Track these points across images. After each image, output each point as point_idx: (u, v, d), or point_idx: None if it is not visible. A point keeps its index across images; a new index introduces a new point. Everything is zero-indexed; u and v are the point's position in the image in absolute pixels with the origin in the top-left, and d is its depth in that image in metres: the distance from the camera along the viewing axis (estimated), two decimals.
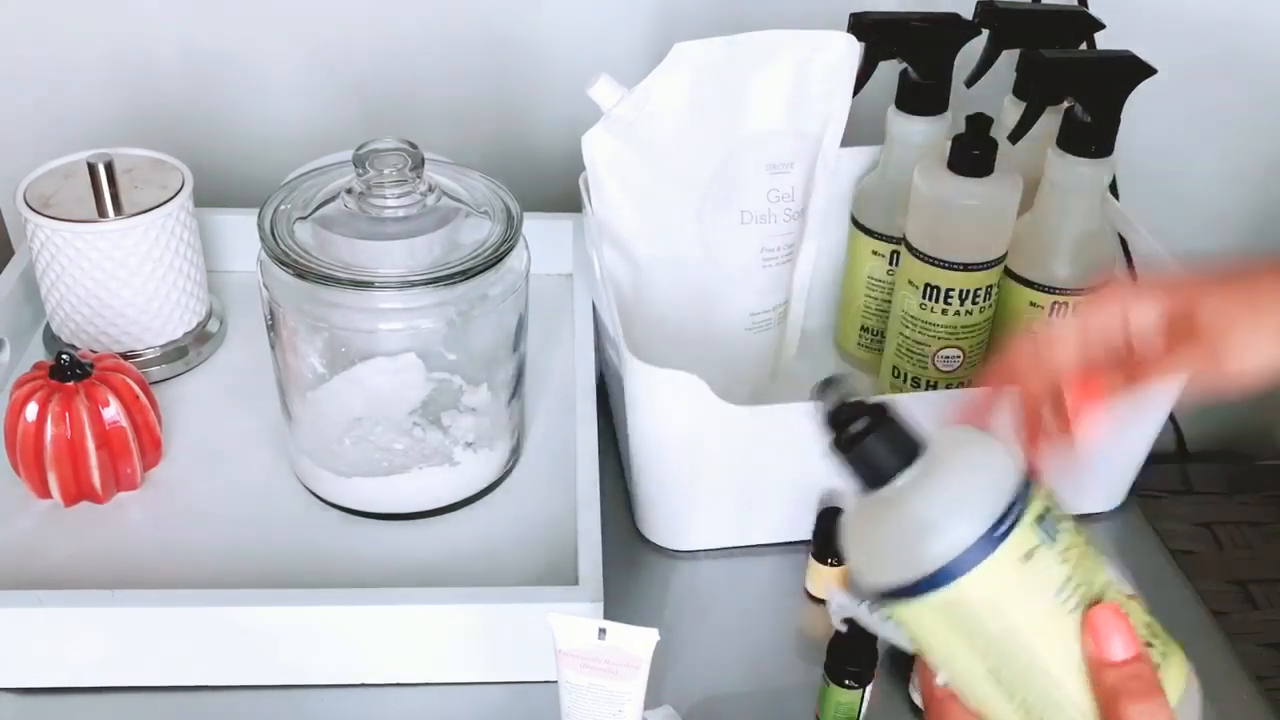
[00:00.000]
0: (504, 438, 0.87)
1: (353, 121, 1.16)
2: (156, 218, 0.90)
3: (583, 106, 0.85)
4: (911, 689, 0.76)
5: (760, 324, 0.93)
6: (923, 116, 0.92)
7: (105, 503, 0.84)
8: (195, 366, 0.97)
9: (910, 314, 0.90)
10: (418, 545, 0.83)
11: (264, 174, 1.09)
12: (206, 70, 1.13)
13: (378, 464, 0.84)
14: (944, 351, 0.90)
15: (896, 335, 0.92)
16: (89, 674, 0.75)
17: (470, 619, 0.73)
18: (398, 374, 0.84)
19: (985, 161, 0.85)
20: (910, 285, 0.89)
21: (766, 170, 0.89)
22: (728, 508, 0.85)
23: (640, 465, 0.84)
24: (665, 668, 0.79)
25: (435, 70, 1.15)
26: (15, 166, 0.96)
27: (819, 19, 0.89)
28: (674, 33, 0.91)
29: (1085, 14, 0.94)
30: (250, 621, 0.73)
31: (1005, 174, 0.86)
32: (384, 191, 0.79)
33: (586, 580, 0.74)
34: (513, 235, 0.80)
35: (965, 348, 0.91)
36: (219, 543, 0.82)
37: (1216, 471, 1.06)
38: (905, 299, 0.90)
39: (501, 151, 1.19)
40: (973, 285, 0.88)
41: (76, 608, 0.72)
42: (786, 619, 0.83)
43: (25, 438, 0.80)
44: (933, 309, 0.89)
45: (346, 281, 0.75)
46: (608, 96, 0.84)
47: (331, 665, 0.75)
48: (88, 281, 0.90)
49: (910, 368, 0.92)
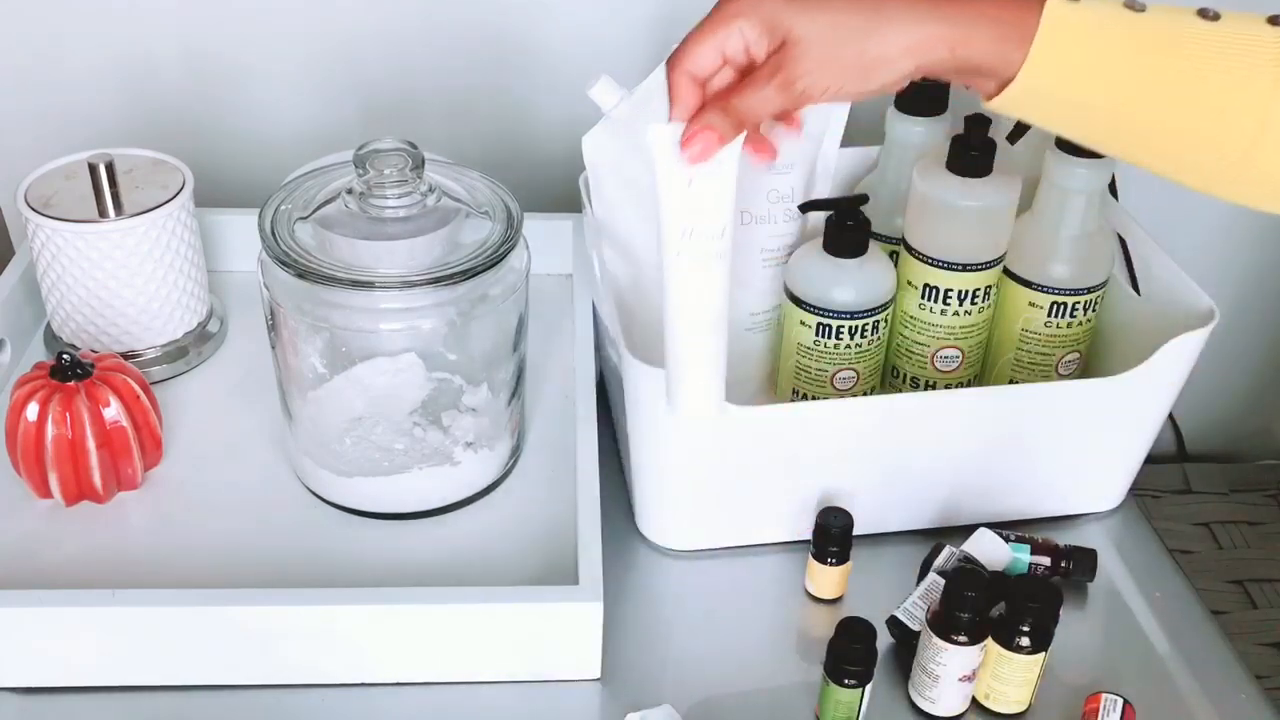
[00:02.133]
0: (504, 438, 0.87)
1: (353, 122, 1.16)
2: (157, 218, 0.90)
3: (583, 106, 0.84)
4: (911, 689, 0.77)
5: (760, 324, 0.93)
6: (922, 117, 0.92)
7: (106, 502, 0.84)
8: (196, 366, 0.97)
9: (909, 314, 0.90)
10: (418, 545, 0.83)
11: (264, 174, 1.10)
12: (207, 70, 1.13)
13: (378, 464, 0.84)
14: (943, 351, 0.91)
15: (896, 335, 0.92)
16: (89, 674, 0.75)
17: (470, 619, 0.74)
18: (398, 374, 0.84)
19: (984, 162, 0.85)
20: (909, 285, 0.89)
21: (766, 171, 0.89)
22: (728, 508, 0.85)
23: (640, 465, 0.84)
24: (665, 668, 0.79)
25: (435, 70, 1.15)
26: (16, 167, 0.96)
27: None
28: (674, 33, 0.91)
29: None
30: (250, 621, 0.73)
31: (1004, 174, 0.86)
32: (384, 192, 0.79)
33: (586, 580, 0.74)
34: (513, 235, 0.80)
35: (964, 348, 0.91)
36: (219, 543, 0.82)
37: (1216, 471, 1.06)
38: (904, 299, 0.90)
39: (501, 151, 1.19)
40: (972, 285, 0.88)
41: (76, 608, 0.72)
42: (786, 619, 0.83)
43: (26, 438, 0.80)
44: (932, 309, 0.89)
45: (347, 282, 0.76)
46: (608, 97, 0.84)
47: (332, 665, 0.75)
48: (88, 281, 0.90)
49: (910, 367, 0.92)
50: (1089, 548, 0.85)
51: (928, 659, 0.74)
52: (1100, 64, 0.59)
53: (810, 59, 0.60)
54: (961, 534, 0.83)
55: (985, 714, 0.76)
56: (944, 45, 0.60)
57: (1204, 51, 0.59)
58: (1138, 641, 0.83)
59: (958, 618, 0.72)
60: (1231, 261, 1.31)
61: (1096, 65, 0.59)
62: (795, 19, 0.60)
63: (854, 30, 0.60)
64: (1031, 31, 0.59)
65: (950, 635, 0.73)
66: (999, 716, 0.76)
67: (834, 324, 0.86)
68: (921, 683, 0.75)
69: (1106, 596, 0.86)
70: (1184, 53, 0.59)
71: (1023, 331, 0.91)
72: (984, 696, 0.76)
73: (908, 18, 0.59)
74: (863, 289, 0.85)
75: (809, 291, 0.86)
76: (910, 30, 0.60)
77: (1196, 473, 1.04)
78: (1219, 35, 0.59)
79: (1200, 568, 0.91)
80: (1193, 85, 0.59)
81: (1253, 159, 0.60)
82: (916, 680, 0.76)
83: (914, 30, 0.59)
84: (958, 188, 0.86)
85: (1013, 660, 0.73)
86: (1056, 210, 0.87)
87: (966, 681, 0.74)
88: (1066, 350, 0.91)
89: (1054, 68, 0.59)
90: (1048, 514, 0.90)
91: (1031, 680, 0.75)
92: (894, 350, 0.93)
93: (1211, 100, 0.59)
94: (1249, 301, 1.33)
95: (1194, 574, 0.90)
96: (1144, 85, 0.60)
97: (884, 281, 0.87)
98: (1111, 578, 0.87)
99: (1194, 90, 0.59)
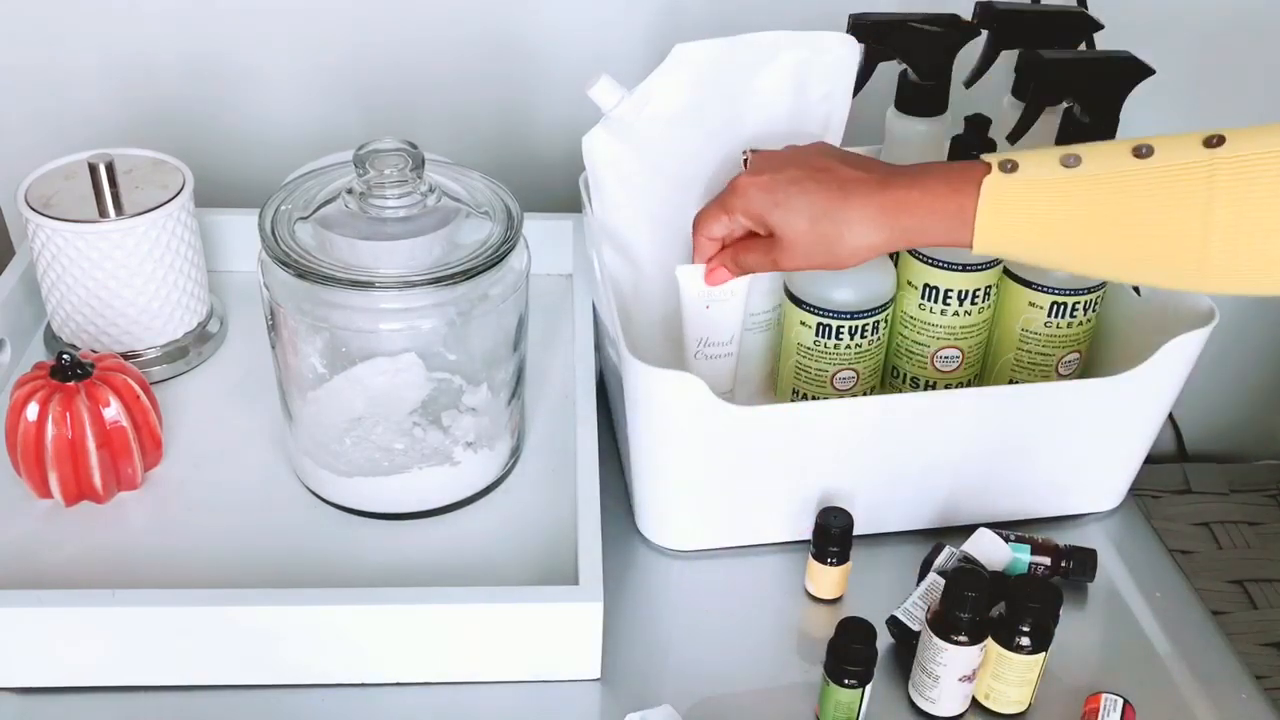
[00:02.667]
0: (504, 438, 0.87)
1: (353, 122, 1.16)
2: (157, 218, 0.90)
3: (583, 107, 0.85)
4: (911, 689, 0.77)
5: (760, 324, 0.93)
6: (922, 117, 0.92)
7: (106, 502, 0.84)
8: (196, 366, 0.97)
9: (909, 314, 0.90)
10: (418, 545, 0.83)
11: (264, 174, 1.10)
12: (207, 71, 1.13)
13: (378, 464, 0.84)
14: (943, 351, 0.91)
15: (896, 335, 0.92)
16: (89, 674, 0.75)
17: (470, 619, 0.74)
18: (398, 374, 0.84)
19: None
20: (909, 285, 0.89)
21: None
22: (728, 508, 0.85)
23: (640, 465, 0.84)
24: (665, 668, 0.79)
25: (435, 70, 1.15)
26: (16, 167, 0.96)
27: (819, 20, 0.89)
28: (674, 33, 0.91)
29: (1085, 14, 0.94)
30: (250, 621, 0.73)
31: None
32: (384, 192, 0.79)
33: (586, 580, 0.74)
34: (513, 235, 0.80)
35: (964, 348, 0.91)
36: (219, 543, 0.82)
37: (1216, 471, 1.06)
38: (904, 299, 0.90)
39: (501, 152, 1.19)
40: (972, 285, 0.88)
41: (76, 608, 0.72)
42: (786, 619, 0.83)
43: (26, 438, 0.80)
44: (932, 309, 0.89)
45: (347, 282, 0.76)
46: (608, 97, 0.84)
47: (332, 665, 0.75)
48: (88, 282, 0.90)
49: (910, 368, 0.92)
50: (1089, 548, 0.85)
51: (928, 659, 0.74)
52: (1042, 225, 0.68)
53: (792, 251, 0.74)
54: (961, 534, 0.83)
55: (985, 714, 0.76)
56: (901, 241, 0.72)
57: (1139, 188, 0.65)
58: (1138, 641, 0.83)
59: (958, 618, 0.72)
60: None
61: (1039, 227, 0.68)
62: (779, 221, 0.74)
63: (823, 236, 0.72)
64: (971, 216, 0.68)
65: (950, 635, 0.73)
66: (999, 716, 0.76)
67: (834, 324, 0.86)
68: (921, 683, 0.75)
69: (1106, 596, 0.86)
70: (1120, 197, 0.66)
71: (1023, 331, 0.91)
72: (984, 697, 0.76)
73: (866, 225, 0.71)
74: (863, 289, 0.85)
75: (809, 291, 0.86)
76: (869, 235, 0.71)
77: (1196, 473, 1.04)
78: (1151, 172, 0.65)
79: (1200, 568, 0.91)
80: (1134, 221, 0.66)
81: (1206, 266, 0.65)
82: (916, 680, 0.76)
83: (872, 235, 0.71)
84: None
85: (1013, 660, 0.73)
86: None
87: (966, 682, 0.74)
88: (1066, 350, 0.91)
89: (1000, 237, 0.69)
90: (1048, 514, 0.90)
91: (1031, 680, 0.75)
92: (894, 350, 0.93)
93: (1154, 230, 0.65)
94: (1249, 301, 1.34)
95: (1194, 574, 0.90)
96: (1089, 232, 0.67)
97: (884, 282, 0.87)
98: (1111, 578, 0.87)
99: (1136, 225, 0.66)
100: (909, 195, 0.71)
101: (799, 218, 0.73)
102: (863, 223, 0.71)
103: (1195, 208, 0.64)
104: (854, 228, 0.71)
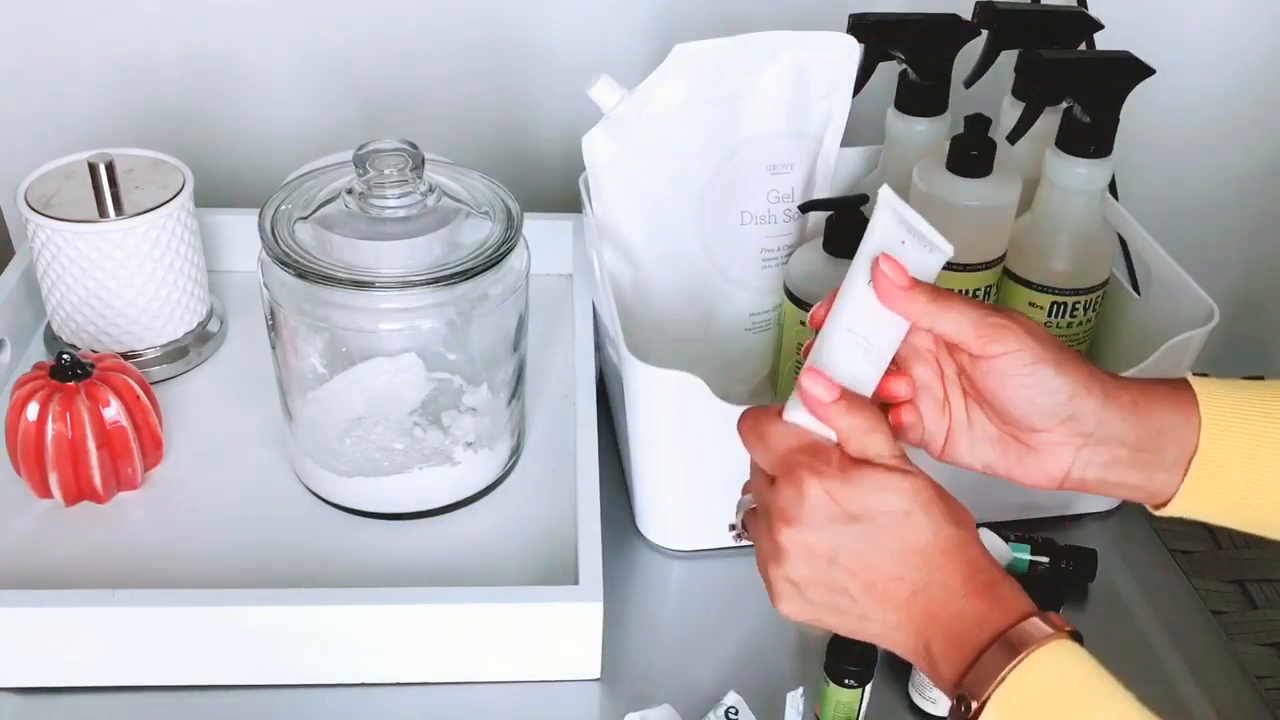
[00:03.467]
0: (504, 438, 0.87)
1: (353, 122, 1.16)
2: (157, 218, 0.90)
3: (583, 107, 0.85)
4: (911, 689, 0.77)
5: (760, 324, 0.93)
6: (922, 117, 0.92)
7: (106, 502, 0.84)
8: (195, 366, 0.97)
9: None
10: (418, 545, 0.83)
11: (264, 174, 1.10)
12: (207, 70, 1.13)
13: (378, 464, 0.84)
14: None
15: None
16: (89, 674, 0.75)
17: (470, 619, 0.74)
18: (398, 374, 0.84)
19: (984, 162, 0.85)
20: None
21: (767, 171, 0.89)
22: (728, 508, 0.85)
23: (640, 465, 0.84)
24: (665, 668, 0.79)
25: (435, 70, 1.15)
26: (16, 167, 0.96)
27: (819, 20, 0.89)
28: (674, 33, 0.91)
29: (1084, 14, 0.94)
30: (250, 621, 0.73)
31: (1004, 174, 0.86)
32: (384, 192, 0.79)
33: (586, 580, 0.74)
34: (513, 235, 0.80)
35: None
36: (219, 543, 0.82)
37: None
38: None
39: (501, 152, 1.19)
40: (972, 285, 0.88)
41: (76, 608, 0.72)
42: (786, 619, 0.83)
43: (26, 438, 0.80)
44: None
45: (347, 282, 0.76)
46: (608, 97, 0.84)
47: (331, 665, 0.75)
48: (88, 281, 0.90)
49: None
50: (1089, 548, 0.85)
51: None
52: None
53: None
54: None
55: None
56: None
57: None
58: (1138, 641, 0.83)
59: None
60: (1232, 261, 1.30)
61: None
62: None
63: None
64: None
65: None
66: None
67: None
68: (921, 682, 0.75)
69: (1106, 596, 0.86)
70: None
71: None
72: None
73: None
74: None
75: (809, 291, 0.86)
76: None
77: None
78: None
79: (1200, 568, 0.91)
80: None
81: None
82: (916, 680, 0.76)
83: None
84: (958, 188, 0.86)
85: None
86: (1056, 210, 0.87)
87: None
88: None
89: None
90: (1048, 514, 0.90)
91: None
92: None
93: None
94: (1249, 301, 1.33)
95: (1194, 574, 0.90)
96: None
97: None
98: (1111, 578, 0.87)
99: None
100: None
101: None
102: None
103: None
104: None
